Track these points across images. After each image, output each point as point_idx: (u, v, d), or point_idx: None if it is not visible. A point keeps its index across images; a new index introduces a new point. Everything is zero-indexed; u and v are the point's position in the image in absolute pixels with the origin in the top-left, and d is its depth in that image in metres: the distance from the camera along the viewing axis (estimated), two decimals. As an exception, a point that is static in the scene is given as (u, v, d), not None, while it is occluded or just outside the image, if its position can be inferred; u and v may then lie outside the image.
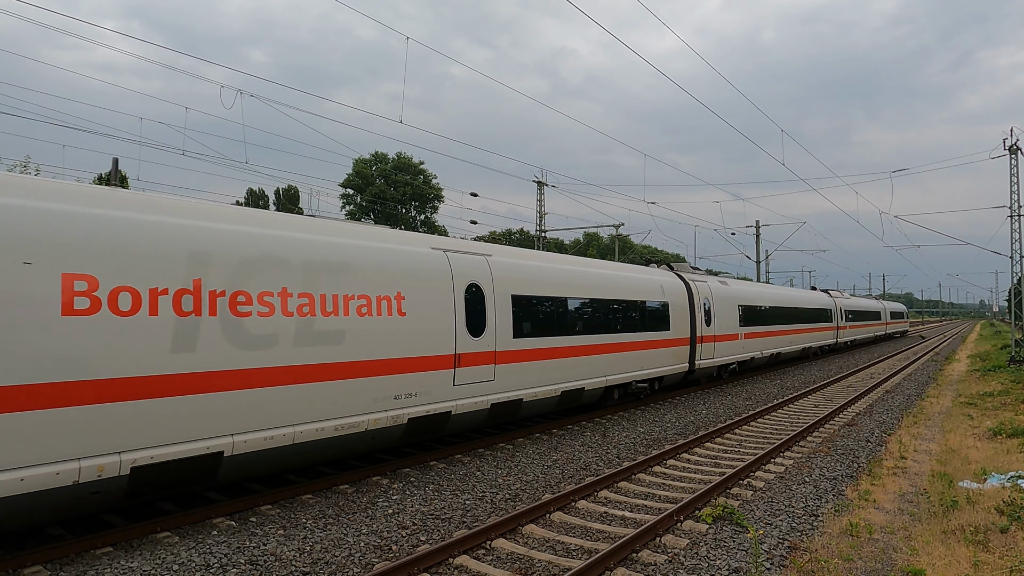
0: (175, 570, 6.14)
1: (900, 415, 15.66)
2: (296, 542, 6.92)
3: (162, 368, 6.71)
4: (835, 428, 13.93)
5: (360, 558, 6.58)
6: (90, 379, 6.19)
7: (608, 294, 14.64)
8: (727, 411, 16.30)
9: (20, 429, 5.77)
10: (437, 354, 9.98)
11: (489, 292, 11.18)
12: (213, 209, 7.80)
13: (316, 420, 8.14)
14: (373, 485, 9.15)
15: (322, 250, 8.55)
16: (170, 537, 6.98)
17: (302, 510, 8.00)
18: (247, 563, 6.35)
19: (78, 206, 6.43)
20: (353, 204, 61.08)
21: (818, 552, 6.80)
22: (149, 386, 6.61)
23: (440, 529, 7.48)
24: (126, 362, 6.44)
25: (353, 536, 7.15)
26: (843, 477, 9.89)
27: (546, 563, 6.50)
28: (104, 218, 6.56)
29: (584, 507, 8.36)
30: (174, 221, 7.14)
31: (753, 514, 8.09)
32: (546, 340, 12.38)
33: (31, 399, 5.84)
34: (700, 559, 6.63)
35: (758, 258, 45.40)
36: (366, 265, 9.07)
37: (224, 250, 7.41)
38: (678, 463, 10.82)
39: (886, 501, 8.67)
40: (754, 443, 12.51)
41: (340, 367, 8.42)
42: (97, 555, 6.46)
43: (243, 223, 7.88)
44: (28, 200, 6.10)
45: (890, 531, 7.48)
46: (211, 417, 7.09)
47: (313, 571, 6.23)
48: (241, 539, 6.95)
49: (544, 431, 13.16)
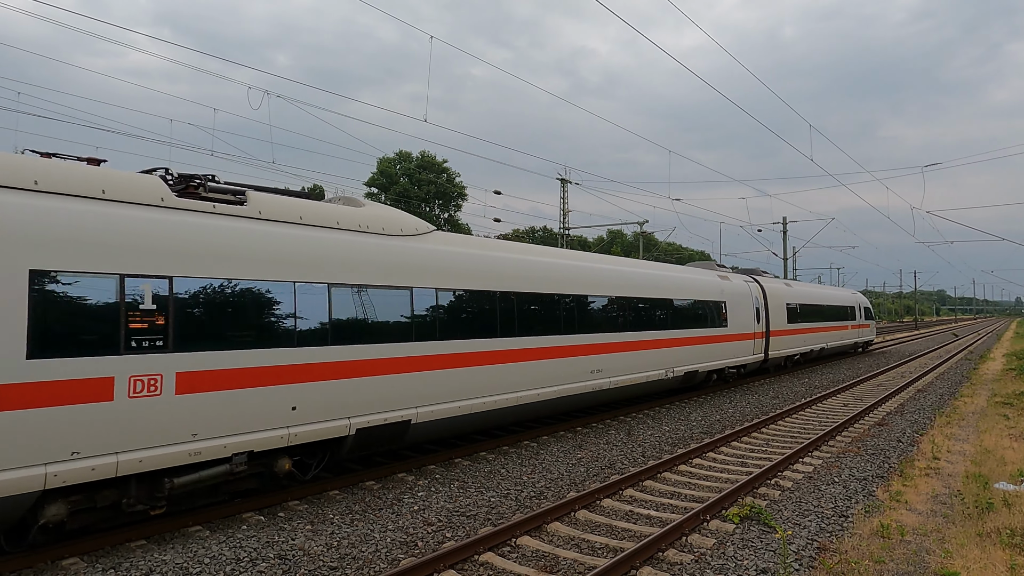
0: (206, 563, 6.26)
1: (932, 415, 15.33)
2: (324, 537, 7.01)
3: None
4: (865, 427, 13.69)
5: (386, 554, 6.64)
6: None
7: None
8: (754, 410, 16.12)
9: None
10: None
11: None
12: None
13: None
14: (398, 481, 9.22)
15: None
16: (201, 531, 7.11)
17: (329, 506, 8.09)
18: (276, 557, 6.45)
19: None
20: (378, 203, 61.56)
21: (848, 553, 6.69)
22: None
23: (465, 526, 7.51)
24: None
25: (379, 532, 7.22)
26: (874, 477, 9.72)
27: (571, 561, 6.50)
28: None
29: (609, 505, 8.34)
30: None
31: (781, 514, 7.99)
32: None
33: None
34: (727, 559, 6.57)
35: (785, 255, 44.76)
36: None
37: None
38: (704, 462, 10.73)
39: (918, 502, 8.51)
40: (781, 442, 12.35)
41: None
42: (131, 548, 6.61)
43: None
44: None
45: (923, 533, 7.34)
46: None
47: (341, 566, 6.31)
48: (270, 534, 7.06)
49: (568, 429, 13.14)
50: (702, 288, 18.02)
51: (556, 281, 12.30)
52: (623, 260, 15.98)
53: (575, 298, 12.65)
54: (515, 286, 11.18)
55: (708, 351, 17.66)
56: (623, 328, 14.08)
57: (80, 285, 6.11)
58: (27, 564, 6.09)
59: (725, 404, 16.85)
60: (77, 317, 6.04)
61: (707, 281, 18.57)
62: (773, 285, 23.69)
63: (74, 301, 6.04)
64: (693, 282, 17.68)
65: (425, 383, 9.30)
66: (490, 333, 10.45)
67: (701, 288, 17.95)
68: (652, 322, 15.22)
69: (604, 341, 13.42)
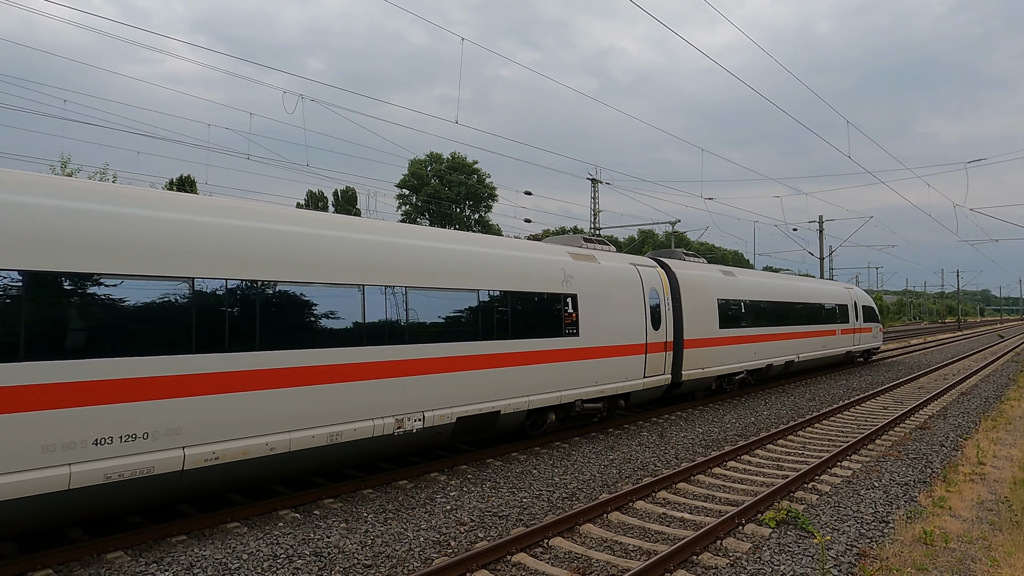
0: (244, 559, 6.38)
1: (977, 419, 14.86)
2: (358, 535, 7.09)
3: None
4: (906, 431, 13.34)
5: (420, 553, 6.69)
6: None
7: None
8: (790, 412, 15.83)
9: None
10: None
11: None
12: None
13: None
14: (431, 481, 9.29)
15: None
16: (239, 527, 7.26)
17: (363, 504, 8.19)
18: (312, 554, 6.54)
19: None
20: (409, 204, 62.04)
21: (889, 560, 6.53)
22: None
23: (498, 526, 7.53)
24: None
25: (413, 531, 7.28)
26: (916, 483, 9.47)
27: (604, 563, 6.46)
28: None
29: (642, 507, 8.27)
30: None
31: (819, 519, 7.83)
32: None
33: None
34: (763, 564, 6.46)
35: (821, 254, 43.86)
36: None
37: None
38: (739, 465, 10.57)
39: (963, 509, 8.26)
40: (819, 446, 12.10)
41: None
42: (173, 543, 6.78)
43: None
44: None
45: (968, 540, 7.12)
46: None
47: (375, 564, 6.37)
48: (306, 531, 7.17)
49: (600, 430, 13.07)
50: (506, 270, 10.76)
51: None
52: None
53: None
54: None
55: (529, 377, 10.83)
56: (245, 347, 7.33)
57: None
58: (73, 557, 6.28)
59: (760, 406, 16.57)
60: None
61: (523, 260, 11.31)
62: (693, 272, 16.43)
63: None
64: (469, 256, 10.30)
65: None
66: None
67: (504, 269, 10.73)
68: (345, 335, 8.23)
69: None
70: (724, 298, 17.17)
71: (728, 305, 17.32)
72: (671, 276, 15.59)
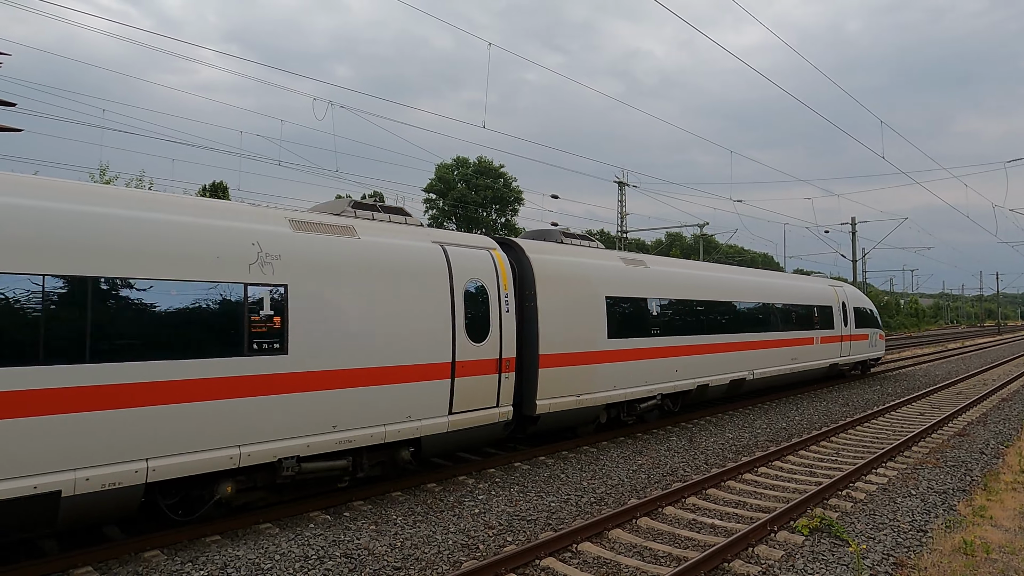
0: (276, 559, 6.48)
1: (1019, 425, 14.42)
2: (387, 538, 7.15)
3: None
4: (944, 438, 13.00)
5: (448, 556, 6.72)
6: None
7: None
8: (822, 417, 15.55)
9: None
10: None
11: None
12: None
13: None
14: (459, 485, 9.32)
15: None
16: (271, 528, 7.37)
17: (392, 507, 8.25)
18: (342, 556, 6.61)
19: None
20: (436, 208, 62.44)
21: (928, 571, 6.37)
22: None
23: (526, 530, 7.52)
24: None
25: (441, 534, 7.31)
26: (954, 491, 9.22)
27: (633, 569, 6.42)
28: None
29: (672, 513, 8.19)
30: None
31: (854, 527, 7.67)
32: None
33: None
34: (796, 572, 6.35)
35: (854, 256, 43.03)
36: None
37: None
38: (770, 471, 10.41)
39: (1005, 518, 8.02)
40: (853, 452, 11.86)
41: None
42: (207, 543, 6.91)
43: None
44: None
45: (1010, 551, 6.91)
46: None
47: (404, 567, 6.42)
48: (336, 533, 7.25)
49: (628, 434, 12.98)
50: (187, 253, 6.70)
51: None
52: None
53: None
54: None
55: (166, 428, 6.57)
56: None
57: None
58: (112, 555, 6.44)
59: (791, 411, 16.30)
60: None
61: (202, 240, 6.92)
62: (562, 260, 11.62)
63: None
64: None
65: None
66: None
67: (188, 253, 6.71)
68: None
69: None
70: (619, 295, 12.37)
71: (626, 306, 12.53)
72: (521, 263, 10.91)
